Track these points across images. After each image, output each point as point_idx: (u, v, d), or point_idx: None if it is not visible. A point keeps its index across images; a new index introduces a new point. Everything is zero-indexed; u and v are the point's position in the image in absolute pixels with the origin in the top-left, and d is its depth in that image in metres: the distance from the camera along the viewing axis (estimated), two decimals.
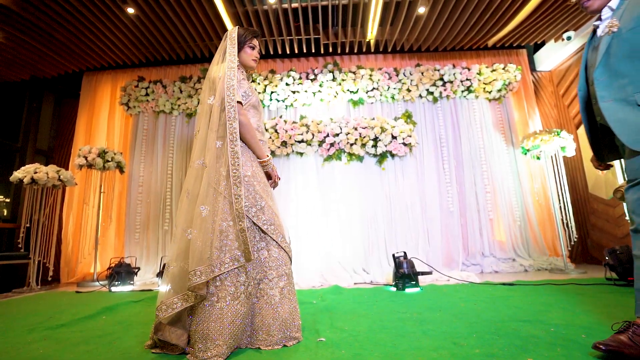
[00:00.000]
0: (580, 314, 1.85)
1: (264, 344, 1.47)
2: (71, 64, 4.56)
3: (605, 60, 1.38)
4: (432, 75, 4.53)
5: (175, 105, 4.61)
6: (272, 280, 1.56)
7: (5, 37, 3.89)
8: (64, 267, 4.26)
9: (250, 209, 1.57)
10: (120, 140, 4.69)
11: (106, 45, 4.26)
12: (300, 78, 4.55)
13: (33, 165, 3.71)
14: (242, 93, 1.68)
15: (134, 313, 2.29)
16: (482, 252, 4.15)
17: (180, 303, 1.43)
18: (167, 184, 4.47)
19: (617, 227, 3.99)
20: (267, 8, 3.79)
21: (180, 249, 1.50)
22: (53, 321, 2.09)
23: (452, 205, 4.26)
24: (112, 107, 4.79)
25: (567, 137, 3.79)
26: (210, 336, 1.37)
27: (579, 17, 3.91)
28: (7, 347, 1.62)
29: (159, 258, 4.08)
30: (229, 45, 1.69)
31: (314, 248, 3.99)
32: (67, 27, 3.81)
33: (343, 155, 4.32)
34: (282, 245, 1.61)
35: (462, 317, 1.87)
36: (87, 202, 4.38)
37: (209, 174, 1.52)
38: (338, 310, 2.20)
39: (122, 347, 1.55)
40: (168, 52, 4.56)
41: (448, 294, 2.63)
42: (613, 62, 1.36)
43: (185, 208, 1.55)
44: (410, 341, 1.50)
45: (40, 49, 4.13)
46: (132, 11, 3.70)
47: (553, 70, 4.95)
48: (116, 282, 3.45)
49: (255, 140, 1.66)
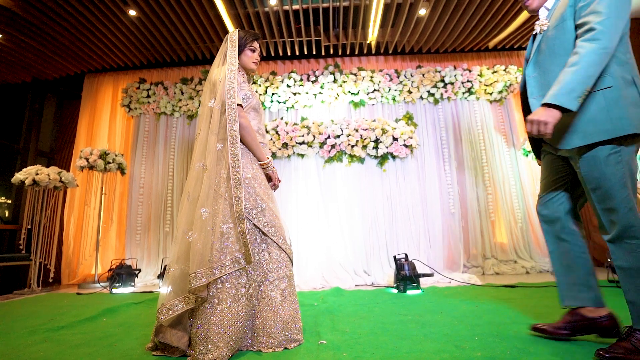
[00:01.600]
0: None
1: (265, 347, 1.46)
2: (73, 65, 4.58)
3: (536, 58, 1.44)
4: (433, 76, 4.53)
5: (177, 106, 4.62)
6: (273, 282, 1.55)
7: (8, 39, 3.91)
8: (65, 268, 4.26)
9: (250, 211, 1.57)
10: (121, 142, 4.70)
11: (108, 47, 4.27)
12: (301, 80, 4.56)
13: (35, 167, 3.72)
14: (243, 95, 1.68)
15: (135, 315, 2.29)
16: (483, 254, 4.13)
17: (181, 305, 1.42)
18: (168, 185, 4.48)
19: None
20: (268, 10, 3.80)
21: (181, 251, 1.50)
22: (54, 323, 2.09)
23: (453, 207, 4.25)
24: (113, 109, 4.80)
25: None
26: (211, 338, 1.37)
27: None
28: (8, 349, 1.62)
29: (160, 260, 4.08)
30: (230, 47, 1.69)
31: (315, 250, 3.99)
32: (69, 29, 3.83)
33: (344, 156, 4.32)
34: (282, 247, 1.61)
35: (464, 320, 1.87)
36: (88, 204, 4.39)
37: (209, 177, 1.52)
38: (339, 312, 2.19)
39: (123, 349, 1.55)
40: (169, 53, 4.57)
41: (449, 296, 2.62)
42: (541, 59, 1.41)
43: (186, 210, 1.55)
44: (412, 344, 1.50)
45: (42, 50, 4.15)
46: (133, 13, 3.71)
47: None
48: (117, 284, 3.45)
49: (256, 142, 1.66)
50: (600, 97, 1.24)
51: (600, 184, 1.24)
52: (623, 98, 1.22)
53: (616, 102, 1.22)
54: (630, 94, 1.23)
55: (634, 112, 1.21)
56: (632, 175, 1.24)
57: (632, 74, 1.25)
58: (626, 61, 1.26)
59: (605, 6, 1.21)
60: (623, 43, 1.26)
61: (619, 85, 1.23)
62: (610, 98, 1.22)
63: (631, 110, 1.21)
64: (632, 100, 1.22)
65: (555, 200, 1.49)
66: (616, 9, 1.20)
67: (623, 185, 1.21)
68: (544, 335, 1.47)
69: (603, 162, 1.23)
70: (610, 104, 1.22)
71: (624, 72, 1.24)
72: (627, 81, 1.24)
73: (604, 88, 1.24)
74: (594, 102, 1.25)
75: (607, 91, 1.23)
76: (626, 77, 1.24)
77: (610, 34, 1.19)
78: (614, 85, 1.23)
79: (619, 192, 1.21)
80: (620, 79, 1.23)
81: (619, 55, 1.25)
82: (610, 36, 1.19)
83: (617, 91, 1.22)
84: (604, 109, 1.23)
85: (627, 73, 1.24)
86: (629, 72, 1.25)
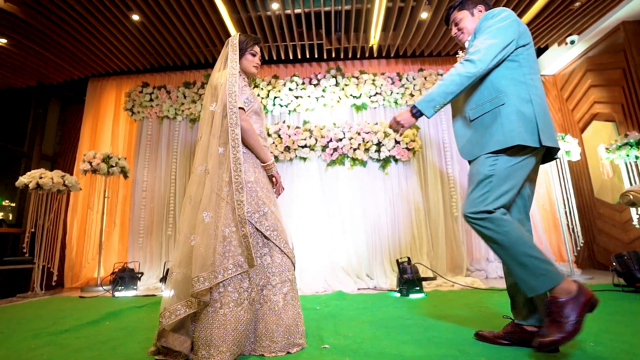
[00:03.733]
0: (587, 321, 1.80)
1: (268, 351, 1.46)
2: (77, 70, 4.62)
3: None
4: (435, 79, 4.53)
5: (179, 110, 4.64)
6: (275, 286, 1.55)
7: (14, 44, 3.95)
8: (68, 272, 4.27)
9: (253, 214, 1.57)
10: (124, 146, 4.72)
11: (111, 51, 4.31)
12: (303, 83, 4.57)
13: (38, 171, 3.74)
14: (245, 99, 1.69)
15: (138, 319, 2.29)
16: (486, 258, 4.11)
17: (183, 309, 1.42)
18: (171, 189, 4.49)
19: (624, 232, 3.95)
20: (271, 14, 3.82)
21: (183, 255, 1.50)
22: (57, 326, 2.09)
23: (456, 210, 4.23)
24: (116, 113, 4.83)
25: (571, 141, 3.77)
26: (214, 343, 1.36)
27: (583, 21, 3.91)
28: (11, 353, 1.62)
29: (162, 263, 4.08)
30: (230, 52, 1.70)
31: (318, 253, 3.98)
32: (73, 34, 3.86)
33: (346, 160, 4.32)
34: (285, 251, 1.60)
35: (468, 324, 1.85)
36: (91, 207, 4.40)
37: (211, 180, 1.52)
38: (342, 317, 2.18)
39: (125, 353, 1.55)
40: (172, 58, 4.60)
41: (453, 300, 2.61)
42: None
43: (189, 214, 1.55)
44: (415, 348, 1.49)
45: (47, 55, 4.19)
46: (137, 18, 3.74)
47: (557, 74, 4.94)
48: (119, 287, 3.45)
49: (259, 144, 1.66)
50: (496, 113, 1.42)
51: (473, 178, 1.46)
52: (516, 114, 1.38)
53: (508, 117, 1.39)
54: (524, 111, 1.39)
55: (524, 126, 1.37)
56: (506, 178, 1.39)
57: (529, 93, 1.41)
58: (525, 82, 1.43)
59: (481, 41, 1.44)
60: (524, 68, 1.45)
61: (512, 103, 1.40)
62: (504, 114, 1.40)
63: (521, 124, 1.37)
64: (525, 116, 1.38)
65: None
66: (488, 48, 1.40)
67: (486, 184, 1.40)
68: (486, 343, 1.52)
69: (481, 162, 1.44)
70: (504, 119, 1.40)
71: (520, 92, 1.41)
72: (523, 99, 1.40)
73: (499, 105, 1.42)
74: (489, 118, 1.44)
75: (502, 108, 1.41)
76: (523, 96, 1.41)
77: (477, 64, 1.40)
78: (506, 102, 1.41)
79: (479, 186, 1.41)
80: (514, 97, 1.40)
81: (518, 77, 1.44)
82: (477, 66, 1.40)
83: (510, 108, 1.40)
84: (498, 123, 1.41)
85: (524, 92, 1.41)
86: (526, 92, 1.41)
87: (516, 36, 1.45)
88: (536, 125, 1.37)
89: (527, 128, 1.37)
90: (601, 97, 4.18)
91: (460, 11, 1.67)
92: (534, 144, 1.36)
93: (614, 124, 4.00)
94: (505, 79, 1.44)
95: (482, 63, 1.40)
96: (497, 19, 1.46)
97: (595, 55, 4.25)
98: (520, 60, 1.46)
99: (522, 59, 1.46)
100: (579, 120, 4.56)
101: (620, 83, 3.90)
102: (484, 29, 1.48)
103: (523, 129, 1.36)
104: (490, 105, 1.44)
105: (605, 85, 4.12)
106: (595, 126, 4.28)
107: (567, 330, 1.18)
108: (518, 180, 1.40)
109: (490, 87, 1.45)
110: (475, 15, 1.64)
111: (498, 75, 1.45)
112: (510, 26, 1.44)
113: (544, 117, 1.40)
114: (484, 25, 1.50)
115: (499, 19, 1.46)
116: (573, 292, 1.23)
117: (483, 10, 1.64)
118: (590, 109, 4.36)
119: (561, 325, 1.19)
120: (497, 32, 1.43)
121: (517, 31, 1.46)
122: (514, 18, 1.48)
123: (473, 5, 1.65)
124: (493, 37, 1.42)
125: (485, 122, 1.45)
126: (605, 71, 4.12)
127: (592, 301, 1.22)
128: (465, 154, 1.53)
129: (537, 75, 1.48)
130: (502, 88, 1.43)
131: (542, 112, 1.40)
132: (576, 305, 1.21)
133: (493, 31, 1.44)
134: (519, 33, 1.46)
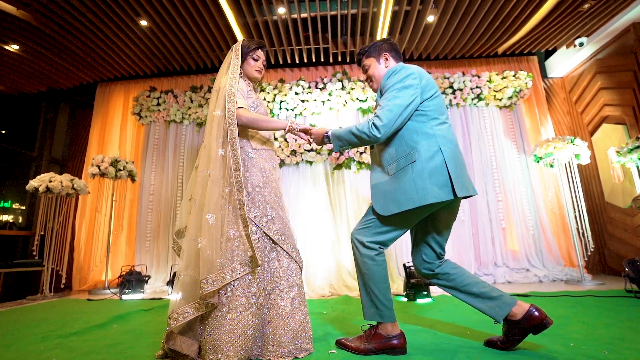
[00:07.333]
0: (600, 328, 1.79)
1: (275, 356, 1.45)
2: (86, 75, 4.68)
3: None
4: (441, 83, 4.51)
5: (186, 114, 4.68)
6: (282, 290, 1.54)
7: (25, 50, 4.02)
8: (76, 274, 4.31)
9: (261, 218, 1.57)
10: (132, 150, 4.77)
11: (119, 56, 4.36)
12: (309, 87, 4.58)
13: (48, 174, 3.78)
14: (250, 104, 1.70)
15: (145, 322, 2.29)
16: (494, 262, 4.06)
17: (191, 312, 1.42)
18: (178, 192, 4.51)
19: (636, 236, 3.87)
20: (277, 18, 3.84)
21: (190, 258, 1.50)
22: (65, 329, 2.11)
23: (463, 214, 4.19)
24: (124, 117, 4.88)
25: (581, 144, 3.72)
26: (221, 347, 1.36)
27: (592, 23, 3.87)
28: (21, 355, 1.63)
29: (169, 266, 4.10)
30: (234, 57, 1.72)
31: (324, 257, 3.96)
32: (82, 39, 3.92)
33: (353, 163, 4.31)
34: (292, 255, 1.60)
35: (476, 329, 1.83)
36: (99, 211, 4.44)
37: (213, 182, 1.53)
38: (349, 321, 2.17)
39: (133, 357, 1.55)
40: (179, 62, 4.64)
41: (460, 305, 2.57)
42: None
43: (194, 216, 1.55)
44: (424, 354, 1.47)
45: (57, 61, 4.25)
46: (145, 23, 3.79)
47: (565, 77, 4.89)
48: (127, 290, 3.47)
49: (266, 122, 1.64)
50: (409, 170, 1.45)
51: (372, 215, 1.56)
52: (426, 170, 1.42)
53: (420, 174, 1.42)
54: (434, 164, 1.43)
55: (436, 182, 1.41)
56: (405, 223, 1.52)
57: (438, 144, 1.45)
58: (433, 134, 1.47)
59: (385, 102, 1.48)
60: (432, 120, 1.49)
61: (422, 159, 1.43)
62: (416, 170, 1.43)
63: (434, 181, 1.41)
64: (437, 169, 1.42)
65: (417, 256, 1.65)
66: (391, 110, 1.44)
67: (381, 220, 1.52)
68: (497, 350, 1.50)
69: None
70: (416, 176, 1.43)
71: (430, 145, 1.45)
72: (432, 152, 1.44)
73: (411, 162, 1.45)
74: (404, 175, 1.46)
75: (414, 164, 1.44)
76: (432, 148, 1.44)
77: (382, 130, 1.44)
78: (417, 159, 1.44)
79: (376, 221, 1.54)
80: (424, 152, 1.44)
81: (427, 130, 1.48)
82: (381, 132, 1.44)
83: (420, 164, 1.43)
84: (411, 179, 1.43)
85: (433, 145, 1.45)
86: (435, 144, 1.45)
87: (419, 91, 1.49)
88: (449, 176, 1.42)
89: (439, 182, 1.41)
90: (611, 99, 4.12)
91: (367, 58, 1.71)
92: (448, 197, 1.41)
93: (624, 127, 3.94)
94: (416, 133, 1.48)
95: (386, 128, 1.44)
96: (399, 78, 1.50)
97: (605, 57, 4.21)
98: (428, 112, 1.50)
99: (430, 111, 1.50)
100: (589, 123, 4.50)
101: (631, 85, 3.84)
102: (388, 87, 1.52)
103: (436, 186, 1.40)
104: (404, 162, 1.47)
105: (615, 88, 4.07)
106: (605, 129, 4.23)
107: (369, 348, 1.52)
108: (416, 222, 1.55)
109: (404, 144, 1.49)
110: (381, 64, 1.67)
111: (410, 129, 1.49)
112: (411, 85, 1.48)
113: (454, 163, 1.44)
114: (387, 83, 1.53)
115: (400, 78, 1.50)
116: (390, 335, 1.50)
117: (389, 58, 1.66)
118: (600, 111, 4.31)
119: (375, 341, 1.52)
120: (399, 92, 1.47)
121: (420, 86, 1.49)
122: (415, 74, 1.51)
123: (378, 53, 1.68)
124: (395, 98, 1.46)
125: (399, 178, 1.47)
126: (615, 73, 4.07)
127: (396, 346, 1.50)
128: (381, 208, 1.50)
129: (446, 122, 1.53)
130: (413, 144, 1.46)
131: (451, 158, 1.44)
132: (380, 343, 1.51)
133: (395, 91, 1.48)
134: (421, 88, 1.50)
